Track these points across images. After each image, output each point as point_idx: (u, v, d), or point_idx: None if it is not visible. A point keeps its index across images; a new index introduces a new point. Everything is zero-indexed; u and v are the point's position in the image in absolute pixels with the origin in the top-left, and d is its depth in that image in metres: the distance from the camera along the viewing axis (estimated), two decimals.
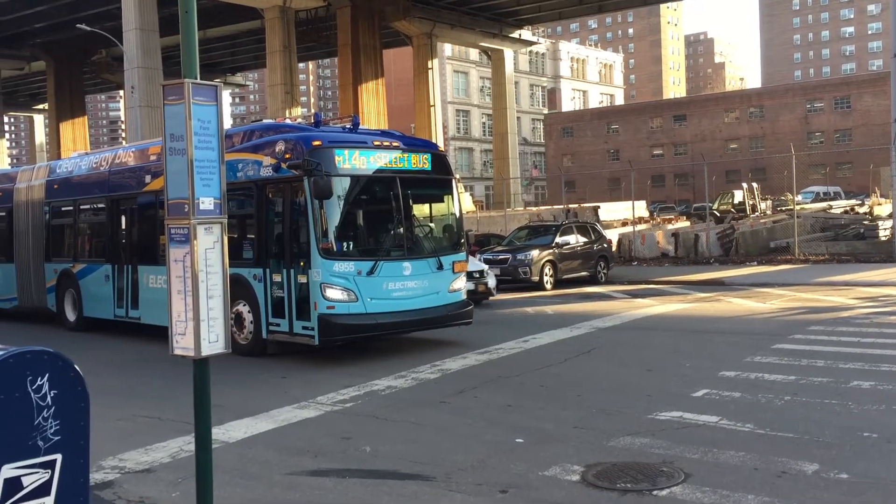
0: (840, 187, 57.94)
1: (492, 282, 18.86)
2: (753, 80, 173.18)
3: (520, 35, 55.59)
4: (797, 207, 29.10)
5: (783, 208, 38.15)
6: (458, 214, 13.04)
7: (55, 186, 17.24)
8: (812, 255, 25.63)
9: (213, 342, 4.20)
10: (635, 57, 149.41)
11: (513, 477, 6.19)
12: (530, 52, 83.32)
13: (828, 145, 72.31)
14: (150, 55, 36.21)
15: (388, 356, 11.90)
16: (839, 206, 40.07)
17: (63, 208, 17.07)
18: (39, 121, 74.87)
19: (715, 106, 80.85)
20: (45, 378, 3.78)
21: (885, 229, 27.67)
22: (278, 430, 7.85)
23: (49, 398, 3.78)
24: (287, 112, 38.66)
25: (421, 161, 12.38)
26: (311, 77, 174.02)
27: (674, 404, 8.21)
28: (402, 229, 12.04)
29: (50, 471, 3.78)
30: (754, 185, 43.93)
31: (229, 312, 4.30)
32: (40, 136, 75.36)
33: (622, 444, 6.92)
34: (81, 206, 16.59)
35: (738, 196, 43.19)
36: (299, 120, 14.85)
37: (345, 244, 11.40)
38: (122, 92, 58.59)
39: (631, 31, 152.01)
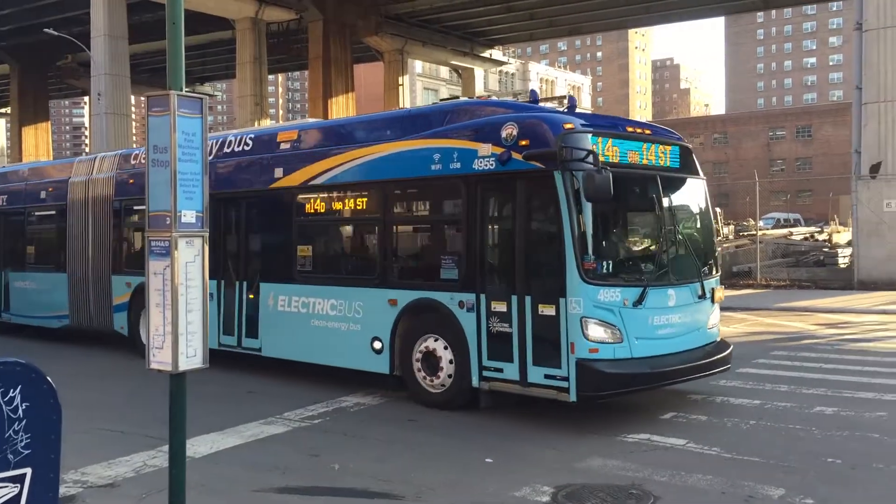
0: (800, 214, 59.15)
1: None
2: (718, 107, 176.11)
3: (490, 55, 56.01)
4: (759, 233, 29.55)
5: (745, 233, 38.74)
6: (711, 226, 9.95)
7: (129, 181, 13.74)
8: (773, 281, 26.03)
9: (191, 357, 4.16)
10: (603, 80, 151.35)
11: (485, 497, 6.18)
12: (500, 71, 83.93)
13: (789, 173, 73.84)
14: (118, 62, 35.85)
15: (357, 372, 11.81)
16: (799, 232, 40.80)
17: (137, 207, 13.24)
18: (1, 125, 73.55)
19: (680, 131, 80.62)
20: (17, 390, 3.69)
21: (844, 257, 28.21)
22: (245, 446, 7.75)
23: (21, 411, 3.69)
24: (256, 124, 38.30)
25: (672, 156, 9.46)
26: (280, 89, 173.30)
27: (641, 426, 8.27)
28: (665, 245, 9.08)
29: (19, 485, 3.69)
30: (717, 209, 44.56)
31: (208, 327, 4.26)
32: (1, 140, 73.99)
33: (592, 465, 6.95)
34: None
35: None
36: (507, 98, 11.98)
37: (605, 264, 8.41)
38: (86, 98, 57.83)
39: (599, 54, 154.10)
